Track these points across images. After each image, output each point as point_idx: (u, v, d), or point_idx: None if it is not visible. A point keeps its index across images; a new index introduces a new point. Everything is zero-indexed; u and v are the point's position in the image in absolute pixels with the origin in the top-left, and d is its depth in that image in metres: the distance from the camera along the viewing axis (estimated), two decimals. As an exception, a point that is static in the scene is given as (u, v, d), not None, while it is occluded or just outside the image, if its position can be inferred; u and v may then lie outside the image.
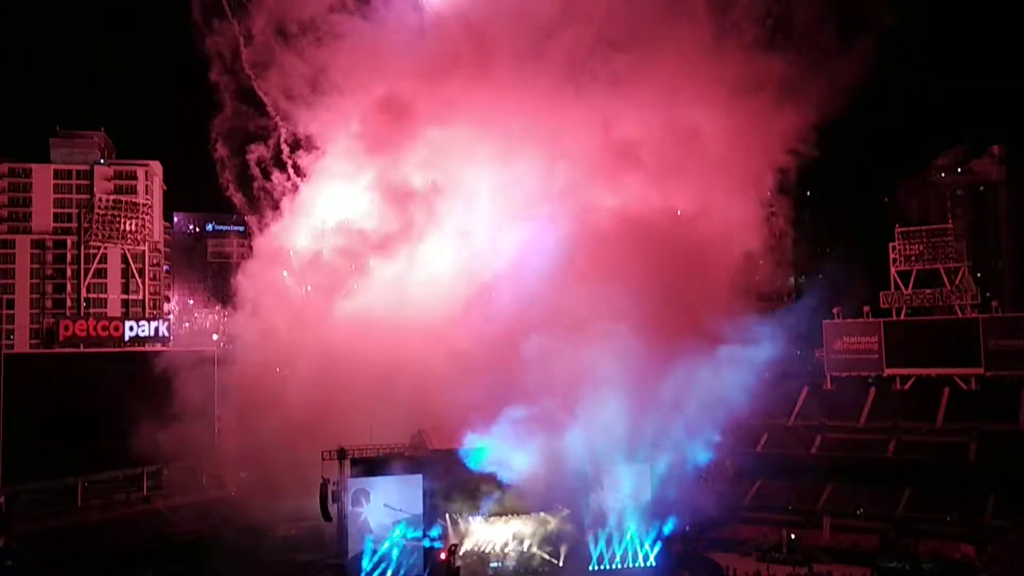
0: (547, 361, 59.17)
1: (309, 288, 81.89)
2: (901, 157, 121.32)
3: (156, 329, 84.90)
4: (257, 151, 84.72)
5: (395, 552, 60.20)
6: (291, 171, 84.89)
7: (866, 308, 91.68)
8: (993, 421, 79.80)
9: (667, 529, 65.11)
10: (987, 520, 69.75)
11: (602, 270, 62.06)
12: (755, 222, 76.23)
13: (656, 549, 64.15)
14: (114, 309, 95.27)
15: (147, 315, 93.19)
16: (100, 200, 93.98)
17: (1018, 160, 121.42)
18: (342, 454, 61.57)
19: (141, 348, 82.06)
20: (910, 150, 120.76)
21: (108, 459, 74.43)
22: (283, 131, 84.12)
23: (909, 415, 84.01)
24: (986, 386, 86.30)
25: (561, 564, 61.42)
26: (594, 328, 59.56)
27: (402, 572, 60.45)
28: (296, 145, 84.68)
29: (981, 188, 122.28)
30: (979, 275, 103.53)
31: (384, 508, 60.75)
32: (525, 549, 60.30)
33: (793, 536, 70.29)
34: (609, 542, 63.06)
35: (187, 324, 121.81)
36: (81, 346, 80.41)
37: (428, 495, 61.08)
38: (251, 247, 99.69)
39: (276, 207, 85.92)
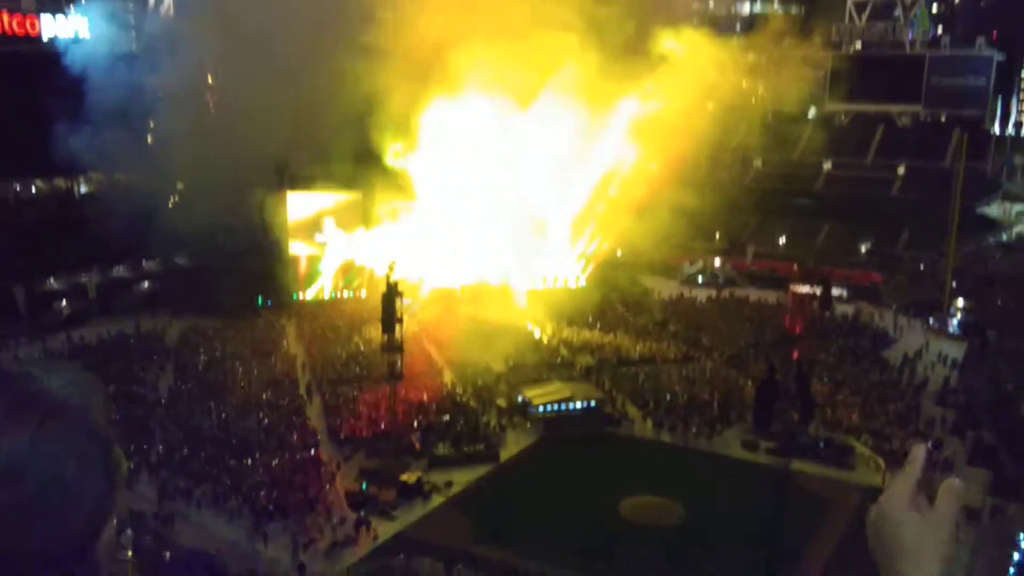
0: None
1: None
2: None
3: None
4: None
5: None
6: None
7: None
8: (921, 158, 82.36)
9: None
10: (898, 252, 74.57)
11: None
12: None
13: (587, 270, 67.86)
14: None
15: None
16: None
17: None
18: (281, 170, 61.29)
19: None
20: None
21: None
22: None
23: (842, 151, 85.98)
24: (920, 124, 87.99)
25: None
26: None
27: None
28: None
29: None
30: (934, 11, 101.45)
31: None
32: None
33: (717, 263, 74.51)
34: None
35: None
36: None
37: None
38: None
39: None
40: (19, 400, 1.69)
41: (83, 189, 74.03)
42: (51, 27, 71.54)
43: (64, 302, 59.53)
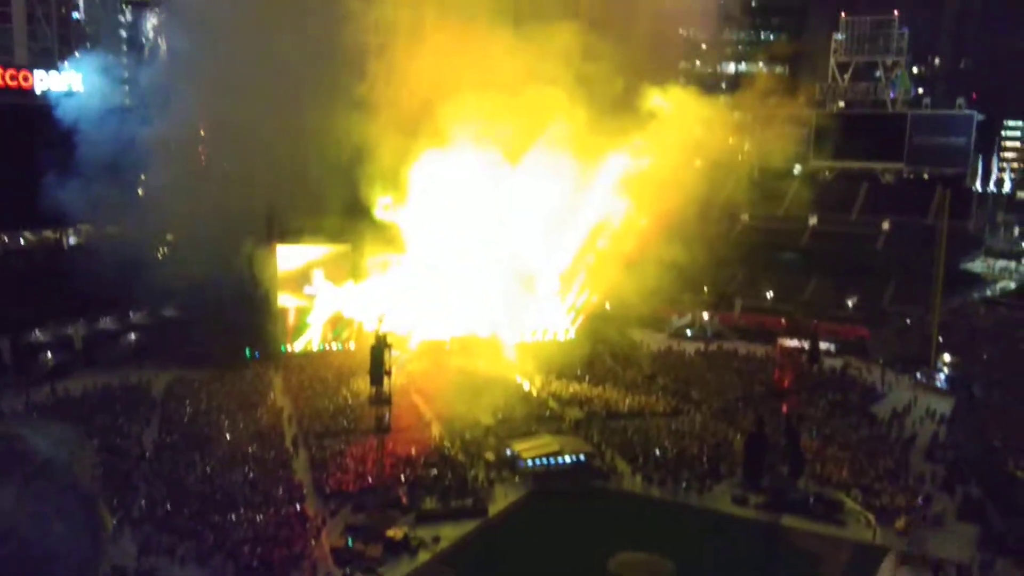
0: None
1: None
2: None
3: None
4: None
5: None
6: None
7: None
8: (905, 214, 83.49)
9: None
10: (884, 306, 75.09)
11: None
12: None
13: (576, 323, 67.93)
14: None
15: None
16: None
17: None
18: (270, 222, 61.57)
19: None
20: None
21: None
22: None
23: (827, 206, 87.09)
24: (903, 181, 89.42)
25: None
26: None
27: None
28: None
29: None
30: (915, 72, 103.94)
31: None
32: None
33: (705, 316, 74.81)
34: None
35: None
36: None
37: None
38: None
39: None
40: (5, 459, 1.70)
41: (72, 240, 73.96)
42: (45, 81, 72.27)
43: (49, 354, 59.03)
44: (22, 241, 73.66)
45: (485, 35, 61.44)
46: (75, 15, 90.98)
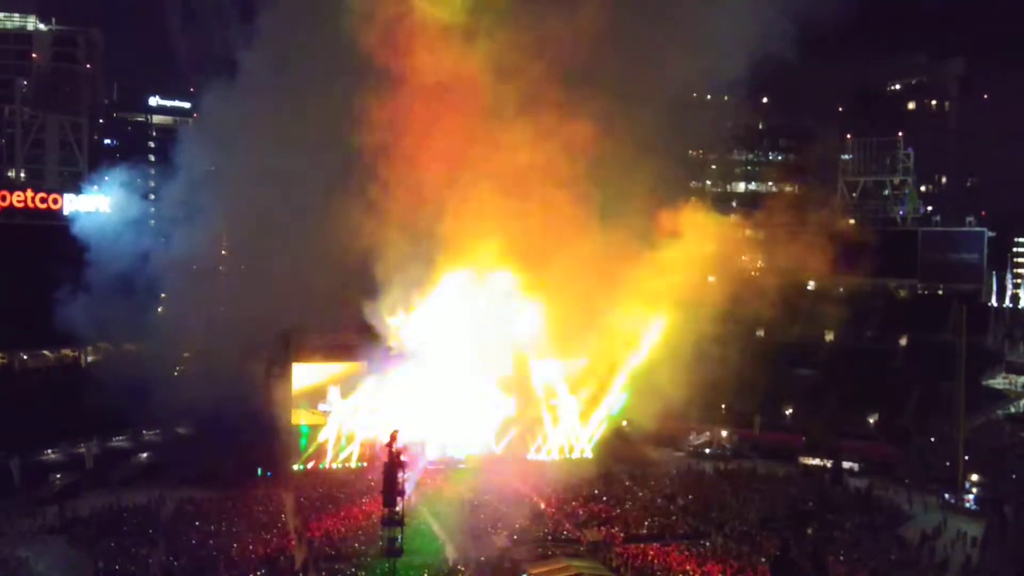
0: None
1: None
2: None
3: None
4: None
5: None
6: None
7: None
8: (922, 331, 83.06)
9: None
10: (906, 423, 73.60)
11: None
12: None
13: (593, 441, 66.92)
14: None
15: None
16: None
17: (974, 74, 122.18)
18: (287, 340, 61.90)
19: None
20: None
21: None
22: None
23: (842, 322, 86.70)
24: (919, 298, 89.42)
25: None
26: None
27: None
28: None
29: (934, 103, 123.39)
30: (923, 190, 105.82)
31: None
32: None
33: (724, 434, 73.56)
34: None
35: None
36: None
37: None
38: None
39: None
40: None
41: (90, 359, 74.52)
42: (73, 203, 74.76)
43: (59, 475, 58.48)
44: (41, 359, 74.25)
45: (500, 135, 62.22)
46: (106, 141, 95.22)
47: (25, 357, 73.02)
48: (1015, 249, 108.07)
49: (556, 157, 60.97)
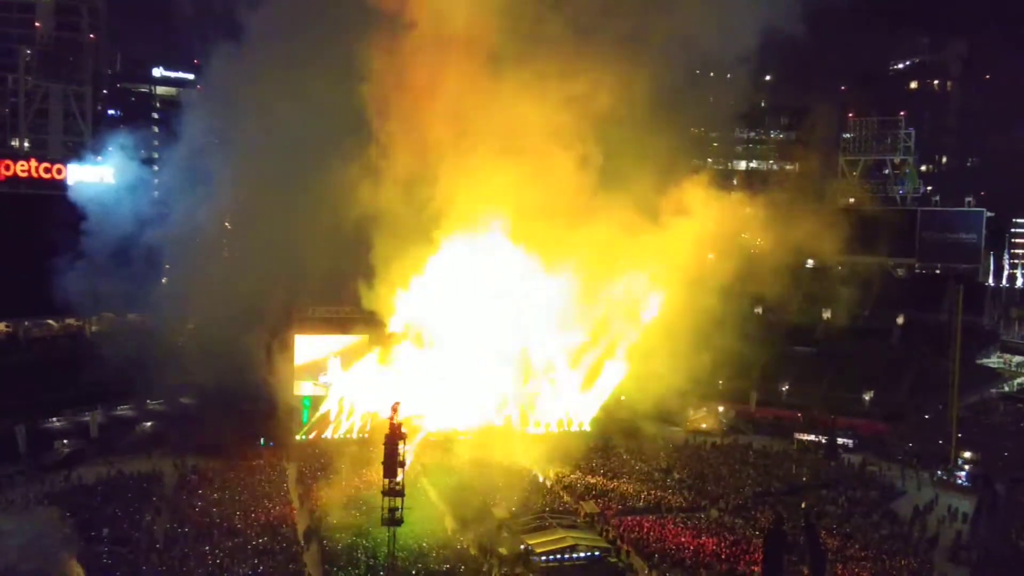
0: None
1: None
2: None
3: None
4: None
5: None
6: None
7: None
8: (919, 310, 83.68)
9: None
10: (901, 400, 74.46)
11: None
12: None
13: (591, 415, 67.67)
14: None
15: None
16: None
17: (976, 55, 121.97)
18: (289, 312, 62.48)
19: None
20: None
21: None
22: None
23: (840, 301, 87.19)
24: (916, 277, 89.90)
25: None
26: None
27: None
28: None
29: (936, 83, 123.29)
30: (923, 169, 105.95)
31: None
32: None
33: (721, 409, 74.33)
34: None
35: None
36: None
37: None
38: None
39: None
40: None
41: (94, 328, 74.97)
42: (77, 173, 74.75)
43: (64, 441, 59.17)
44: (46, 328, 74.68)
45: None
46: (110, 111, 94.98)
47: (29, 326, 73.55)
48: (1013, 230, 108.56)
49: (561, 115, 60.31)
